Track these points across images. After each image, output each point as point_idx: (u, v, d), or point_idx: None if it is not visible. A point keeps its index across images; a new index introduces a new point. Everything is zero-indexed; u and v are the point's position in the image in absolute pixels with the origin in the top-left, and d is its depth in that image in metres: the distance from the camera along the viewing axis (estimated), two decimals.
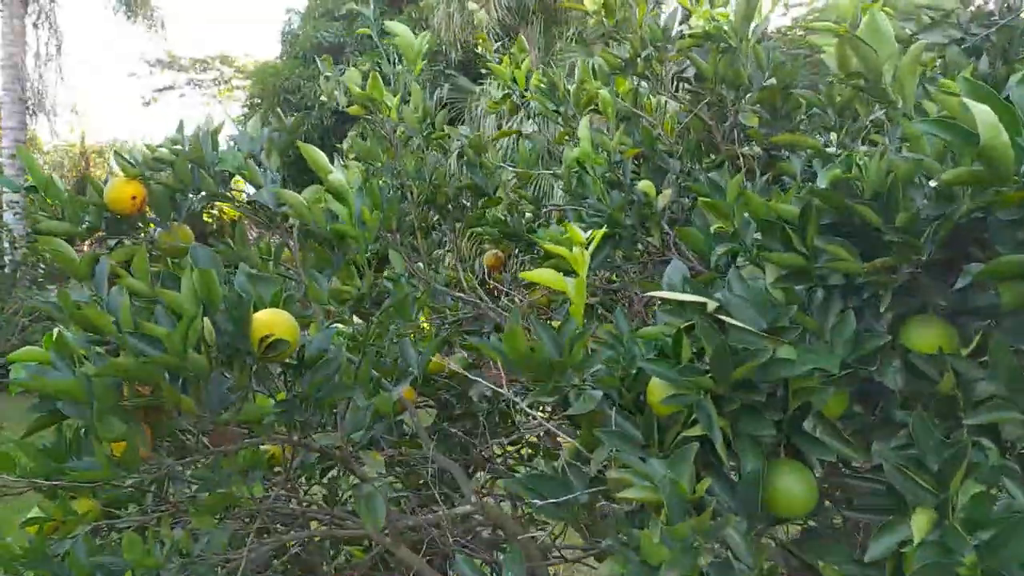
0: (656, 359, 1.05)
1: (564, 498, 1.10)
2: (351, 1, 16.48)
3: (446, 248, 2.45)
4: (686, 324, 1.10)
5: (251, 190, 1.78)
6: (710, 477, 1.01)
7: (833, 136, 1.68)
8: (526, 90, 2.31)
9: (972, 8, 1.76)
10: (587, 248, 1.07)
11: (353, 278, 1.53)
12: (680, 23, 1.87)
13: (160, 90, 24.67)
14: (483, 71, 13.93)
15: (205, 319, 1.13)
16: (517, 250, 2.56)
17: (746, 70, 1.77)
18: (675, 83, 1.99)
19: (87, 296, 1.26)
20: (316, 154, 1.40)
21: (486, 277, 2.71)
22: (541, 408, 1.68)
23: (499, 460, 2.29)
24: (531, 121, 2.43)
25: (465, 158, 2.20)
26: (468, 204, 2.35)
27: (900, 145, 1.25)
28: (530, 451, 2.32)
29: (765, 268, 1.18)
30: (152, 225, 1.69)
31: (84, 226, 1.62)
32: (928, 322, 1.07)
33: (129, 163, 1.56)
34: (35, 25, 14.86)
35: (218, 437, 1.44)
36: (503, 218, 2.41)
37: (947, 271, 1.06)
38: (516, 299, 2.57)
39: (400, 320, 1.59)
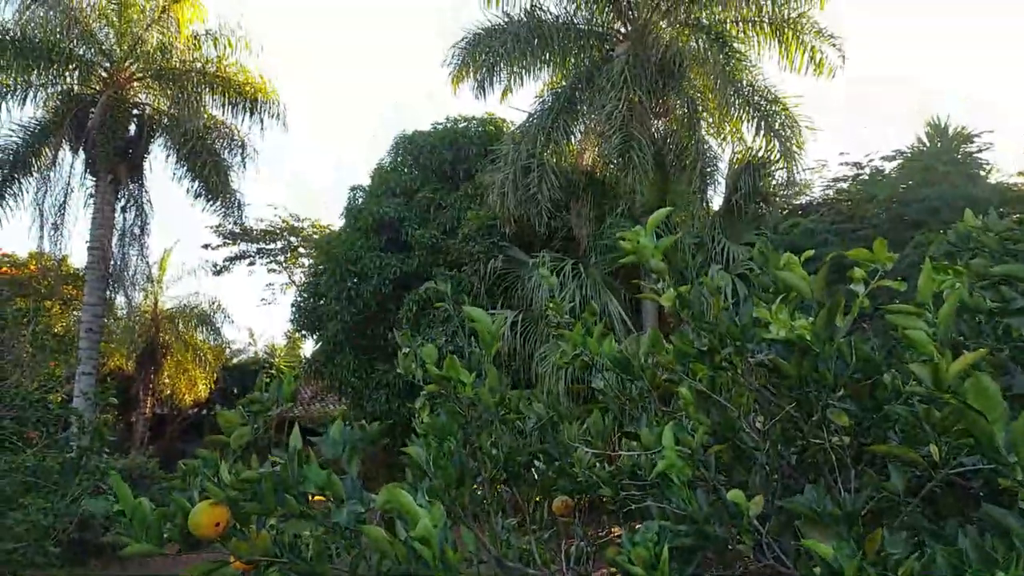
0: None
1: None
2: (417, 189, 17.53)
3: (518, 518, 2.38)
4: None
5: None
6: None
7: (933, 448, 1.60)
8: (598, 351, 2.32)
9: None
10: None
11: None
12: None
13: (231, 259, 26.19)
14: (537, 246, 14.42)
15: None
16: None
17: (831, 369, 1.74)
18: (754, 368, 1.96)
19: None
20: (405, 499, 1.39)
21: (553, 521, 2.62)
22: None
23: None
24: (601, 376, 2.42)
25: (539, 429, 2.18)
26: (542, 468, 2.30)
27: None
28: None
29: None
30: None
31: (164, 538, 1.62)
32: None
33: (216, 486, 1.57)
34: (123, 209, 16.21)
35: None
36: (575, 473, 2.35)
37: None
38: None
39: None
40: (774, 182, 13.01)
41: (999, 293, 2.13)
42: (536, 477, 2.32)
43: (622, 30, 13.91)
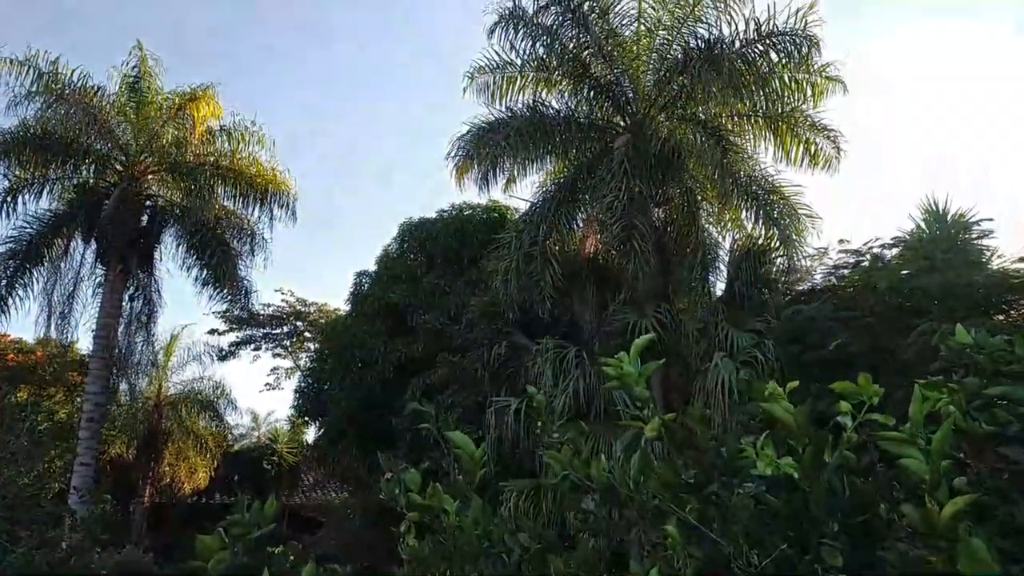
0: None
1: None
2: (422, 272, 17.68)
3: None
4: None
5: None
6: None
7: None
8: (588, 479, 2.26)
9: None
10: None
11: None
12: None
13: (237, 343, 26.19)
14: (541, 332, 14.40)
15: None
16: None
17: (822, 503, 1.68)
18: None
19: None
20: None
21: None
22: None
23: None
24: (591, 497, 2.36)
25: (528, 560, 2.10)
26: None
27: None
28: None
29: None
30: None
31: None
32: None
33: None
34: (132, 298, 16.36)
35: None
36: None
37: None
38: None
39: None
40: (775, 269, 13.08)
41: (993, 416, 2.09)
42: None
43: (621, 123, 14.32)
